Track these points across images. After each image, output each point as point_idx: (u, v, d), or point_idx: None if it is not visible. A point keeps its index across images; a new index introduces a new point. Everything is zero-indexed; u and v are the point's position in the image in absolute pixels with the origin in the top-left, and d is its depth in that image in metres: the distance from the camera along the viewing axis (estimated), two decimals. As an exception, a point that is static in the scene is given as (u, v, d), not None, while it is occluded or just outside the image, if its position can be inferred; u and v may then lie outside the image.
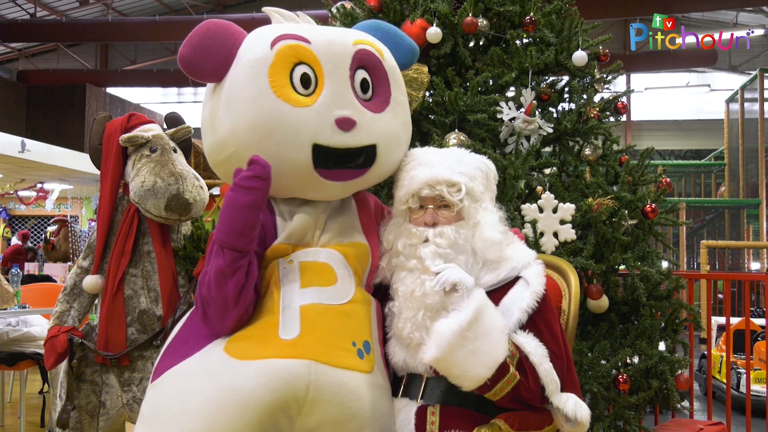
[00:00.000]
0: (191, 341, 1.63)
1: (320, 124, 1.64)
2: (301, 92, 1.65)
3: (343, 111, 1.66)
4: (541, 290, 1.68)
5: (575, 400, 1.63)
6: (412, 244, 1.71)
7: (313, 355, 1.51)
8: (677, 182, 13.80)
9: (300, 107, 1.63)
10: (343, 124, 1.65)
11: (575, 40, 2.80)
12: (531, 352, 1.60)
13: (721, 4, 13.90)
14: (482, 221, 1.72)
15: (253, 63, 1.65)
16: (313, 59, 1.66)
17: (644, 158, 2.89)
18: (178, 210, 2.32)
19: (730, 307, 5.25)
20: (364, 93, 1.73)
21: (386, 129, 1.75)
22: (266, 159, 1.63)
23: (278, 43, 1.66)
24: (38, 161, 10.47)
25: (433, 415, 1.65)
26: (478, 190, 1.75)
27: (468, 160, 1.79)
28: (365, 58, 1.73)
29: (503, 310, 1.66)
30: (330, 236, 1.75)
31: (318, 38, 1.69)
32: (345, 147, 1.67)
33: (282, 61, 1.65)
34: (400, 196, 1.77)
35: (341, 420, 1.53)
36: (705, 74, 18.90)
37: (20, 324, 4.16)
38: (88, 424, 2.37)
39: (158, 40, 16.14)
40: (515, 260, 1.73)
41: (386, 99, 1.77)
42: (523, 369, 1.58)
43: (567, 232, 2.46)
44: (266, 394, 1.47)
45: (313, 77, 1.66)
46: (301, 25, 1.78)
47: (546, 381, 1.59)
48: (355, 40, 1.74)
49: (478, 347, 1.52)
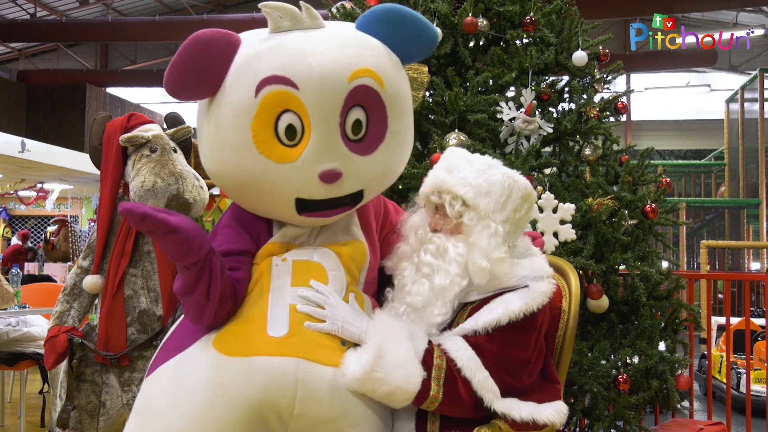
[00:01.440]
0: (184, 336, 1.64)
1: (304, 180, 1.57)
2: (285, 143, 1.56)
3: (328, 165, 1.56)
4: (534, 307, 1.61)
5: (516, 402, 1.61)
6: (419, 243, 1.73)
7: (300, 353, 1.51)
8: (677, 182, 13.79)
9: (283, 164, 1.56)
10: (327, 179, 1.57)
11: (575, 40, 2.80)
12: (463, 365, 1.57)
13: (721, 4, 13.89)
14: (476, 244, 1.64)
15: (238, 110, 1.56)
16: (299, 107, 1.54)
17: (644, 158, 2.89)
18: (178, 210, 2.32)
19: (730, 307, 5.25)
20: (356, 134, 1.60)
21: (375, 171, 1.66)
22: (247, 204, 1.67)
23: (263, 90, 1.53)
24: (38, 161, 10.46)
25: (434, 415, 1.64)
26: (484, 208, 1.66)
27: (491, 174, 1.69)
28: (361, 97, 1.58)
29: (489, 308, 1.63)
30: (326, 235, 1.74)
31: (308, 81, 1.53)
32: (329, 198, 1.62)
33: (266, 113, 1.54)
34: (420, 192, 1.79)
35: (334, 417, 1.53)
36: (705, 74, 18.89)
37: (20, 324, 4.16)
38: (88, 424, 2.37)
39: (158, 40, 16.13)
40: (528, 270, 1.68)
41: (380, 135, 1.64)
42: (454, 380, 1.56)
43: (567, 232, 2.46)
44: (254, 392, 1.47)
45: (299, 126, 1.56)
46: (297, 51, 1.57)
47: (482, 392, 1.56)
48: (351, 75, 1.56)
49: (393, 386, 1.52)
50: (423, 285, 1.67)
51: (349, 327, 1.57)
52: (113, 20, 15.95)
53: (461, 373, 1.56)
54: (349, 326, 1.57)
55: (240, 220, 1.72)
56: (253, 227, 1.71)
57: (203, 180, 2.47)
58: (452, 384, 1.56)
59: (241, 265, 1.65)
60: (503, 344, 1.60)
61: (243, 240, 1.69)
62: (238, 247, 1.67)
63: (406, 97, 1.72)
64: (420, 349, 1.57)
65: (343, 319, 1.57)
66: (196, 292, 1.53)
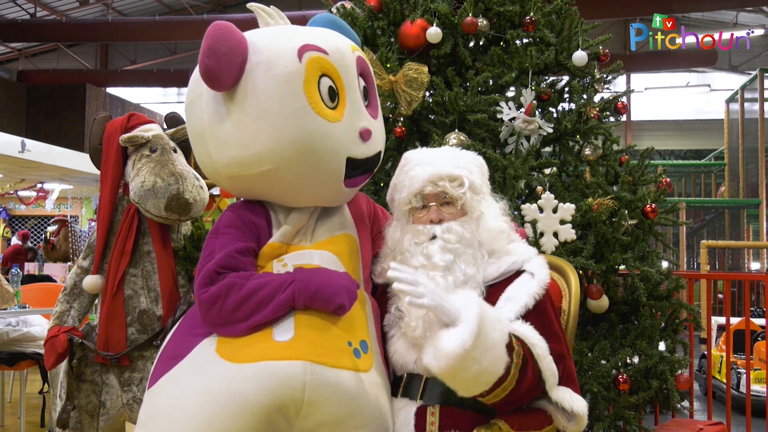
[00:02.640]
0: (184, 343, 1.63)
1: (351, 138, 1.70)
2: (329, 105, 1.67)
3: (363, 122, 1.72)
4: (548, 279, 1.70)
5: (571, 393, 1.63)
6: (419, 242, 1.71)
7: (307, 355, 1.51)
8: (677, 182, 13.79)
9: (335, 122, 1.67)
10: (365, 135, 1.72)
11: (575, 40, 2.80)
12: (536, 344, 1.58)
13: (721, 4, 13.89)
14: (486, 212, 1.74)
15: (288, 77, 1.62)
16: (333, 71, 1.68)
17: (644, 158, 2.89)
18: (178, 210, 2.32)
19: (730, 307, 5.25)
20: (365, 101, 1.78)
21: (383, 134, 1.86)
22: (302, 174, 1.67)
23: (304, 55, 1.65)
24: (38, 161, 10.47)
25: (433, 415, 1.65)
26: (477, 183, 1.76)
27: (462, 156, 1.82)
28: (362, 66, 1.78)
29: (507, 297, 1.67)
30: (322, 231, 1.76)
31: (331, 48, 1.70)
32: (367, 157, 1.75)
33: (312, 76, 1.65)
34: (401, 197, 1.77)
35: (339, 419, 1.53)
36: (705, 74, 18.89)
37: (20, 324, 4.16)
38: (88, 424, 2.37)
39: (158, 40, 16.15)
40: (516, 255, 1.74)
41: (377, 105, 1.84)
42: (526, 363, 1.56)
43: (567, 232, 2.46)
44: (262, 397, 1.47)
45: (335, 90, 1.69)
46: (304, 31, 1.76)
47: (547, 375, 1.58)
48: (352, 47, 1.78)
49: (482, 368, 1.48)
50: (445, 279, 1.65)
51: (446, 303, 1.51)
52: (113, 20, 15.95)
53: (533, 355, 1.57)
54: (446, 302, 1.51)
55: (242, 218, 1.72)
56: (254, 225, 1.72)
57: (203, 180, 2.47)
58: (525, 369, 1.55)
59: (249, 266, 1.66)
60: (542, 331, 1.62)
61: (248, 238, 1.69)
62: (247, 245, 1.68)
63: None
64: (506, 332, 1.55)
65: (440, 295, 1.52)
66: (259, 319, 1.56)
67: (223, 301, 1.56)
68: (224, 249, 1.64)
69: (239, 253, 1.63)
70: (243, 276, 1.59)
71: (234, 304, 1.55)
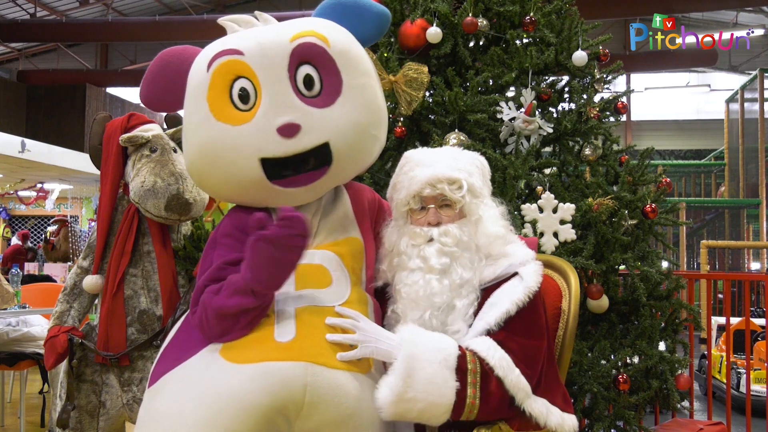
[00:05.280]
0: (187, 345, 1.63)
1: (262, 137, 1.61)
2: (241, 108, 1.64)
3: (284, 117, 1.61)
4: (535, 287, 1.66)
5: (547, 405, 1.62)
6: (416, 244, 1.70)
7: (308, 357, 1.51)
8: (677, 182, 13.80)
9: (241, 125, 1.62)
10: (285, 131, 1.60)
11: (575, 40, 2.80)
12: (495, 365, 1.56)
13: (721, 4, 13.89)
14: (484, 216, 1.72)
15: (194, 91, 1.69)
16: (248, 71, 1.64)
17: (644, 158, 2.89)
18: (178, 210, 2.32)
19: (730, 307, 5.25)
20: (309, 89, 1.66)
21: (338, 121, 1.66)
22: (219, 181, 1.70)
23: (213, 63, 1.66)
24: (38, 161, 10.47)
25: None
26: (477, 186, 1.75)
27: (463, 157, 1.80)
28: (306, 53, 1.66)
29: (492, 303, 1.65)
30: (325, 234, 1.75)
31: (251, 46, 1.65)
32: (292, 154, 1.62)
33: (219, 82, 1.65)
34: (400, 198, 1.77)
35: (339, 421, 1.53)
36: (705, 74, 18.89)
37: (20, 324, 4.16)
38: (88, 424, 2.37)
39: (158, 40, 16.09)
40: (514, 257, 1.72)
41: (336, 89, 1.67)
42: (487, 379, 1.55)
43: (567, 232, 2.46)
44: (263, 397, 1.46)
45: (251, 89, 1.64)
46: (242, 33, 1.73)
47: (514, 391, 1.57)
48: (293, 35, 1.66)
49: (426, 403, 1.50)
50: (441, 282, 1.65)
51: (382, 347, 1.57)
52: (113, 20, 15.94)
53: (494, 373, 1.56)
54: (382, 346, 1.57)
55: (240, 227, 1.70)
56: None
57: (203, 180, 2.47)
58: (487, 387, 1.55)
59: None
60: (522, 337, 1.61)
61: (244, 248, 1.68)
62: (238, 256, 1.64)
63: (360, 57, 1.77)
64: (452, 356, 1.55)
65: (376, 340, 1.57)
66: (242, 320, 1.54)
67: (208, 323, 1.58)
68: (217, 261, 1.65)
69: (229, 264, 1.63)
70: (214, 290, 1.58)
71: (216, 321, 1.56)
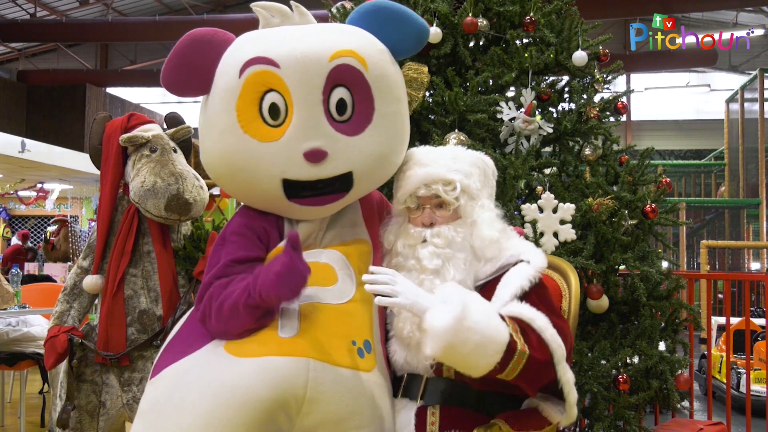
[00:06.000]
0: (191, 339, 1.63)
1: (288, 159, 1.58)
2: (270, 123, 1.59)
3: (313, 143, 1.57)
4: (544, 264, 1.68)
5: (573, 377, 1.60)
6: (411, 244, 1.71)
7: (311, 353, 1.51)
8: (677, 182, 13.80)
9: (267, 142, 1.58)
10: (312, 157, 1.57)
11: (575, 40, 2.80)
12: (534, 318, 1.54)
13: (721, 4, 13.89)
14: (479, 220, 1.70)
15: (223, 93, 1.62)
16: (281, 86, 1.57)
17: (644, 158, 2.89)
18: (178, 210, 2.32)
19: (730, 307, 5.25)
20: (341, 114, 1.61)
21: (364, 152, 1.64)
22: (236, 187, 1.68)
23: (246, 71, 1.58)
24: (38, 161, 10.46)
25: (433, 415, 1.65)
26: (474, 188, 1.73)
27: (464, 157, 1.78)
28: (343, 76, 1.60)
29: (504, 284, 1.64)
30: (333, 235, 1.75)
31: (289, 59, 1.56)
32: (316, 179, 1.60)
33: (250, 92, 1.59)
34: (398, 196, 1.77)
35: (340, 418, 1.53)
36: (705, 74, 18.89)
37: (20, 324, 4.17)
38: (88, 424, 2.37)
39: (158, 40, 16.12)
40: (514, 249, 1.72)
41: (367, 117, 1.64)
42: (528, 338, 1.52)
43: (567, 232, 2.46)
44: (264, 391, 1.46)
45: (282, 106, 1.58)
46: (279, 37, 1.64)
47: (554, 347, 1.53)
48: (333, 54, 1.59)
49: (483, 336, 1.44)
50: (434, 282, 1.65)
51: (422, 300, 1.51)
52: (113, 20, 15.95)
53: (534, 324, 1.53)
54: (422, 299, 1.51)
55: (251, 226, 1.70)
56: (264, 232, 1.70)
57: (203, 180, 2.47)
58: (529, 340, 1.51)
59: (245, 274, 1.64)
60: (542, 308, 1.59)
61: (255, 247, 1.68)
62: (250, 254, 1.66)
63: (395, 83, 1.73)
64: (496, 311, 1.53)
65: (416, 293, 1.53)
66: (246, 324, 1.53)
67: (210, 318, 1.57)
68: (225, 259, 1.64)
69: (237, 262, 1.63)
70: (222, 285, 1.58)
71: (218, 317, 1.55)
